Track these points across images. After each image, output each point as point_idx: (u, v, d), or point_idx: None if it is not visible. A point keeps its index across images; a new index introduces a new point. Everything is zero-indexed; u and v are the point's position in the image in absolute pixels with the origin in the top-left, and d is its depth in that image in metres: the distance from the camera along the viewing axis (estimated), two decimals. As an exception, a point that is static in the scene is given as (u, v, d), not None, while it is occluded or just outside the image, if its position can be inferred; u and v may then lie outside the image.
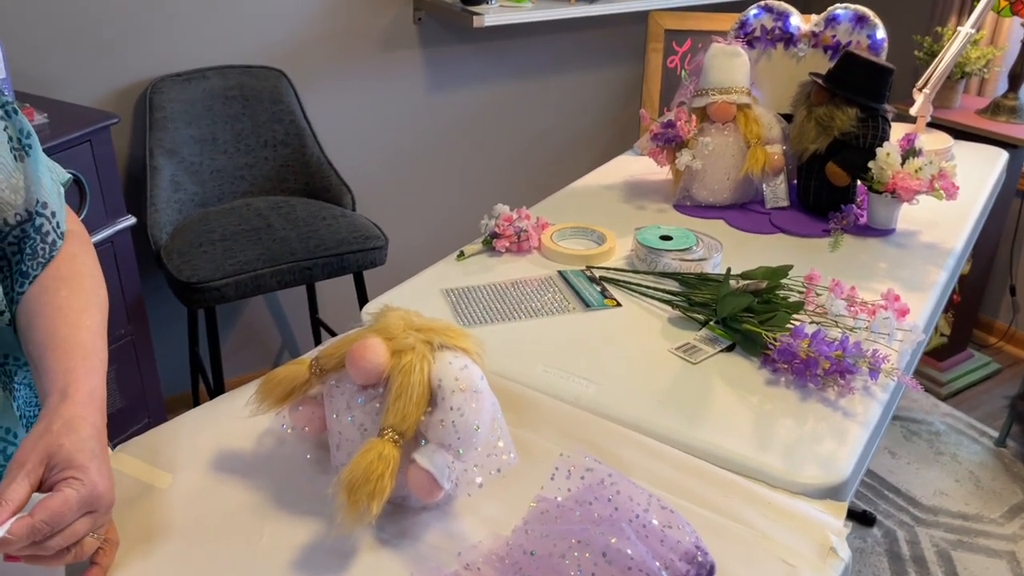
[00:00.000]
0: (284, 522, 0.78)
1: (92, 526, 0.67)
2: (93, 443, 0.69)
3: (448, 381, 0.76)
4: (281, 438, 0.88)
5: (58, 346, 0.76)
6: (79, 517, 0.65)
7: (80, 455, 0.67)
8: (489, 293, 1.21)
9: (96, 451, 0.68)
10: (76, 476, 0.65)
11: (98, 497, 0.66)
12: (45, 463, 0.66)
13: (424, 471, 0.74)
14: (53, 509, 0.63)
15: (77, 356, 0.75)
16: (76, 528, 0.65)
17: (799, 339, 0.99)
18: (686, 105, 1.49)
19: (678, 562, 0.72)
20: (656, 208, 1.49)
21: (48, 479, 0.66)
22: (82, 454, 0.67)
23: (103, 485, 0.67)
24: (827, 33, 1.52)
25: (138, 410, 1.98)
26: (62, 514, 0.63)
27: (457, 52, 2.59)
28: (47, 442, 0.67)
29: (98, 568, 0.70)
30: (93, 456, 0.67)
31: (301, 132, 2.30)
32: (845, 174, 1.38)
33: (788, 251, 1.34)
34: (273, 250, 1.98)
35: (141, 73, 2.12)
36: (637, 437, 0.91)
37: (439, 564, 0.73)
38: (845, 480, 0.86)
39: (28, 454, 0.66)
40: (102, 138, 1.72)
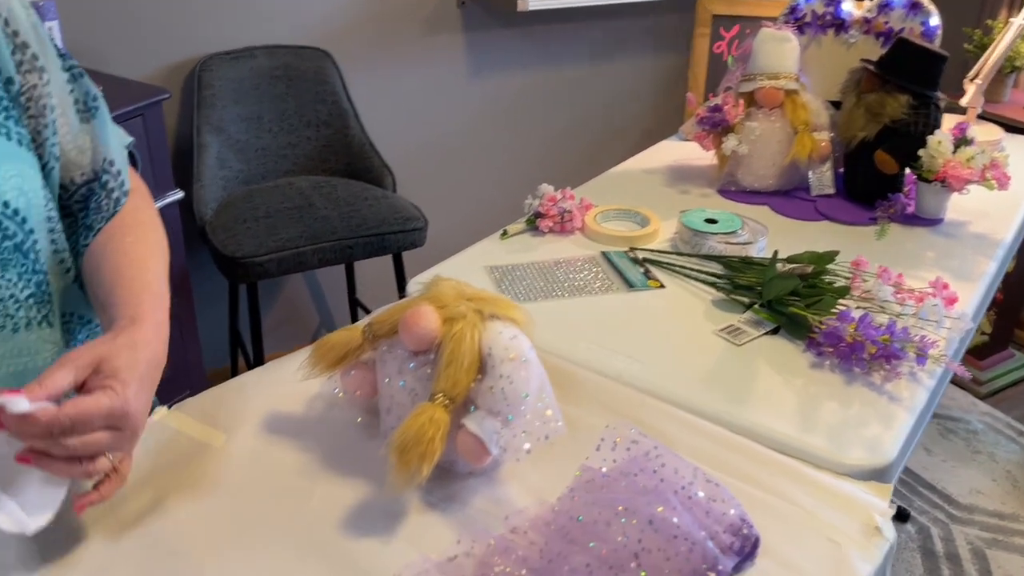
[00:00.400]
0: (334, 483, 0.80)
1: (111, 443, 0.66)
2: (145, 368, 0.69)
3: (498, 350, 0.77)
4: (331, 402, 0.90)
5: (126, 284, 0.78)
6: (102, 428, 0.65)
7: (128, 372, 0.67)
8: (532, 271, 1.22)
9: (145, 376, 0.69)
10: (114, 388, 0.65)
11: (127, 416, 0.66)
12: (95, 366, 0.66)
13: (473, 436, 0.75)
14: (80, 408, 0.63)
15: (146, 292, 0.78)
16: (96, 437, 0.65)
17: (846, 323, 0.99)
18: (733, 90, 1.48)
19: (722, 534, 0.73)
20: (700, 193, 1.49)
21: (90, 383, 0.66)
22: (130, 372, 0.67)
23: (136, 407, 0.66)
24: (879, 19, 1.50)
25: (181, 382, 2.02)
26: (88, 416, 0.63)
27: (500, 36, 2.59)
28: (105, 349, 0.68)
29: (97, 495, 0.69)
30: (139, 379, 0.68)
31: (344, 113, 2.32)
32: (894, 162, 1.37)
33: (833, 238, 1.34)
34: (315, 228, 2.00)
35: (191, 50, 2.15)
36: (681, 414, 0.91)
37: (486, 527, 0.74)
38: (891, 462, 0.86)
39: (83, 353, 0.67)
40: (154, 113, 1.76)
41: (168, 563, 0.70)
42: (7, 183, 0.74)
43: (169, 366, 2.19)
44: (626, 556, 0.68)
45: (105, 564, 0.70)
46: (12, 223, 0.75)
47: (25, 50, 0.79)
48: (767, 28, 1.45)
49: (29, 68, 0.79)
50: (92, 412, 0.64)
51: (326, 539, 0.73)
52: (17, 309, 0.79)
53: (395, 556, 0.71)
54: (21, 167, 0.76)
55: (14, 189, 0.74)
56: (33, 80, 0.79)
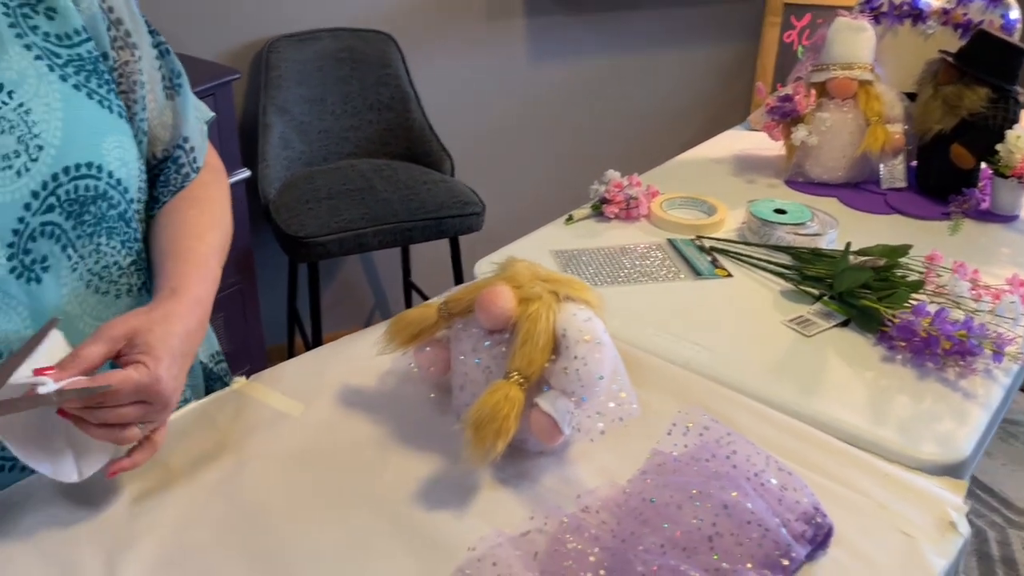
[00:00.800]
0: (407, 456, 0.81)
1: (141, 416, 0.68)
2: (178, 342, 0.71)
3: (573, 331, 0.77)
4: (403, 378, 0.92)
5: (179, 254, 0.80)
6: (132, 402, 0.67)
7: (160, 347, 0.69)
8: (598, 256, 1.22)
9: (177, 351, 0.70)
10: (146, 363, 0.67)
11: (157, 392, 0.68)
12: (129, 339, 0.69)
13: (546, 415, 0.76)
14: (110, 382, 0.65)
15: (193, 265, 0.80)
16: (126, 410, 0.67)
17: (920, 317, 0.98)
18: (804, 80, 1.46)
19: (795, 522, 0.72)
20: (767, 183, 1.48)
21: (124, 355, 0.68)
22: (163, 347, 0.69)
23: (166, 383, 0.68)
24: (958, 11, 1.47)
25: (241, 357, 2.07)
26: (117, 391, 0.65)
27: (562, 23, 2.58)
28: (140, 322, 0.70)
29: (129, 461, 0.71)
30: (172, 354, 0.69)
31: (406, 97, 2.34)
32: (971, 156, 1.34)
33: (904, 232, 1.31)
34: (376, 210, 2.03)
35: (260, 32, 2.19)
36: (750, 403, 0.91)
37: (557, 505, 0.75)
38: (965, 459, 0.85)
39: (118, 325, 0.69)
40: (224, 93, 1.79)
41: (247, 524, 0.73)
42: (111, 154, 0.77)
43: (231, 340, 2.24)
44: (699, 539, 0.69)
45: (188, 522, 0.73)
46: (116, 192, 0.78)
47: (119, 26, 0.81)
48: (843, 17, 1.43)
49: (122, 45, 0.81)
50: (122, 387, 0.66)
51: (400, 510, 0.75)
52: (120, 276, 0.82)
53: (467, 530, 0.73)
54: (122, 138, 0.79)
55: (117, 160, 0.77)
56: (125, 56, 0.81)
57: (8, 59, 0.71)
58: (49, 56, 0.74)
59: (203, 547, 0.70)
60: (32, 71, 0.72)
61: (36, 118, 0.72)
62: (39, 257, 0.73)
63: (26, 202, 0.71)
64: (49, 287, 0.75)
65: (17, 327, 0.73)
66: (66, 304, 0.77)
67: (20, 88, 0.71)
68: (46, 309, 0.75)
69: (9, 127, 0.70)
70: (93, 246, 0.77)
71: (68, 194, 0.73)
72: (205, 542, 0.71)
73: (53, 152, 0.72)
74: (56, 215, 0.73)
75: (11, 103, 0.70)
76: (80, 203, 0.75)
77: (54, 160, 0.72)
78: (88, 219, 0.76)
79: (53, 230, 0.73)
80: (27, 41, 0.73)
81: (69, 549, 0.69)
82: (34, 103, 0.72)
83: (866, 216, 1.37)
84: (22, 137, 0.71)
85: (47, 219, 0.72)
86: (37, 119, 0.72)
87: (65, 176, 0.73)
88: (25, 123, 0.71)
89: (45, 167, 0.72)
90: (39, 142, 0.71)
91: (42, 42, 0.74)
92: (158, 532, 0.71)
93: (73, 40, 0.76)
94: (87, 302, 0.79)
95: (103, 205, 0.77)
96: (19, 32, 0.73)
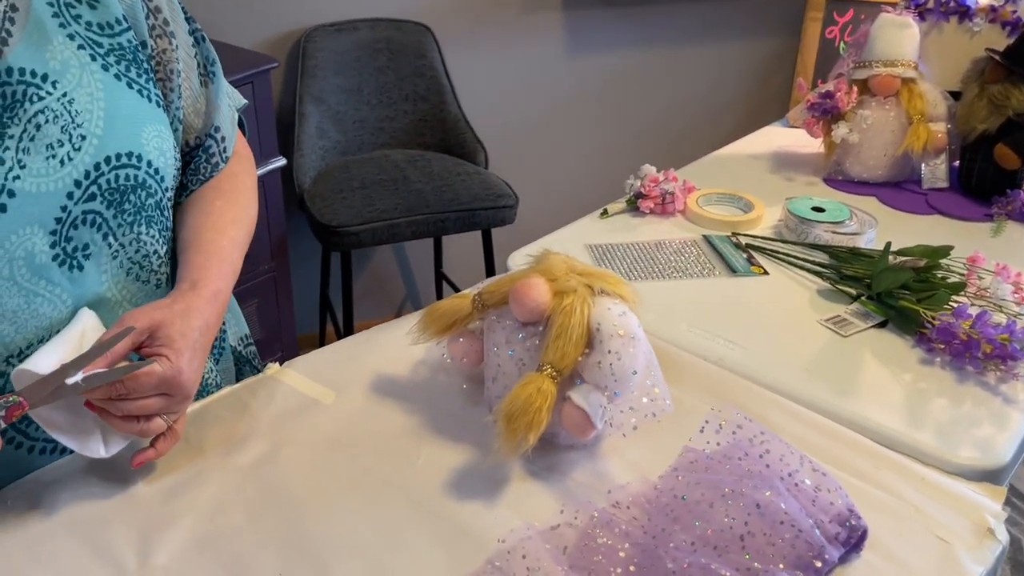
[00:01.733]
0: (439, 446, 0.81)
1: (163, 407, 0.71)
2: (197, 335, 0.73)
3: (607, 326, 0.77)
4: (435, 368, 0.92)
5: (201, 246, 0.82)
6: (155, 394, 0.70)
7: (181, 340, 0.71)
8: (632, 251, 1.22)
9: (197, 344, 0.73)
10: (168, 356, 0.70)
11: (178, 384, 0.70)
12: (151, 331, 0.71)
13: (579, 409, 0.76)
14: (133, 376, 0.68)
15: (214, 258, 0.81)
16: (148, 402, 0.70)
17: (961, 319, 0.96)
18: (846, 76, 1.44)
19: (828, 523, 0.72)
20: (805, 180, 1.46)
21: (146, 346, 0.71)
22: (183, 340, 0.72)
23: (187, 376, 0.71)
24: (1007, 8, 1.44)
25: (273, 343, 2.09)
26: (141, 384, 0.68)
27: (600, 16, 2.57)
28: (162, 315, 0.72)
29: (153, 451, 0.74)
30: (192, 347, 0.72)
31: (441, 88, 2.34)
32: (1016, 157, 1.31)
33: (945, 233, 1.29)
34: (409, 201, 2.04)
35: (299, 21, 2.20)
36: (784, 402, 0.90)
37: (588, 500, 0.75)
38: (1004, 465, 0.83)
39: (141, 317, 0.71)
40: (262, 81, 1.81)
41: (278, 509, 0.73)
42: (150, 143, 0.77)
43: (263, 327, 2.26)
44: (731, 538, 0.68)
45: (221, 506, 0.73)
46: (154, 181, 0.78)
47: (157, 15, 0.82)
48: (887, 13, 1.40)
49: (160, 33, 0.82)
50: (145, 380, 0.69)
51: (431, 499, 0.75)
52: (159, 265, 0.83)
53: (498, 521, 0.73)
54: (160, 128, 0.79)
55: (155, 149, 0.78)
56: (163, 45, 0.82)
57: (52, 49, 0.72)
58: (91, 45, 0.75)
59: (235, 530, 0.71)
60: (75, 60, 0.73)
61: (79, 107, 0.72)
62: (81, 245, 0.74)
63: (69, 191, 0.72)
64: (91, 274, 0.76)
65: (61, 313, 0.74)
66: (107, 291, 0.78)
67: (64, 78, 0.72)
68: (88, 296, 0.76)
69: (53, 116, 0.71)
70: (134, 235, 0.78)
71: (109, 183, 0.74)
72: (237, 525, 0.72)
73: (96, 142, 0.73)
74: (98, 204, 0.74)
75: (55, 93, 0.71)
76: (121, 192, 0.75)
77: (96, 150, 0.73)
78: (128, 208, 0.77)
79: (95, 218, 0.74)
80: (70, 31, 0.74)
81: (102, 530, 0.71)
82: (77, 92, 0.73)
83: (906, 216, 1.35)
84: (65, 127, 0.71)
85: (89, 207, 0.73)
86: (80, 108, 0.72)
87: (107, 165, 0.74)
88: (69, 113, 0.72)
89: (88, 156, 0.73)
90: (82, 131, 0.72)
91: (85, 31, 0.75)
92: (191, 515, 0.72)
93: (115, 29, 0.77)
94: (128, 289, 0.80)
95: (142, 194, 0.78)
96: (62, 22, 0.73)
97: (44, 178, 0.70)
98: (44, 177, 0.70)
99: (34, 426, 0.76)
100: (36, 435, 0.77)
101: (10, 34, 0.69)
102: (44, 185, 0.70)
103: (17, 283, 0.70)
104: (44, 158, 0.70)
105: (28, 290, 0.71)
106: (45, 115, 0.70)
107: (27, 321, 0.72)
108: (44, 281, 0.72)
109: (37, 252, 0.71)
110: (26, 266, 0.70)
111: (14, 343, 0.72)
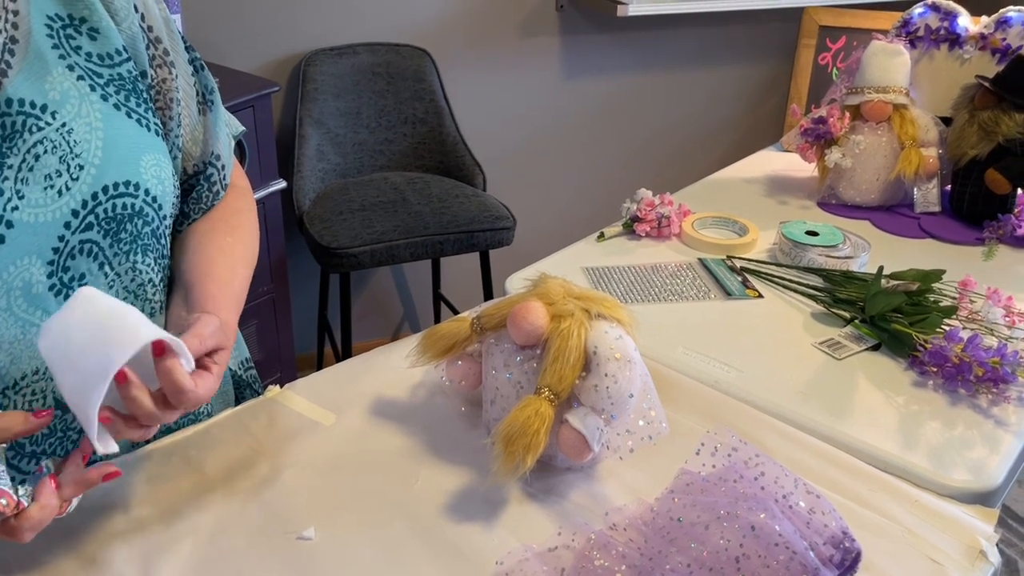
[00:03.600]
0: (438, 468, 0.82)
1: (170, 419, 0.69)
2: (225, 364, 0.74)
3: (604, 349, 0.78)
4: (434, 391, 0.93)
5: (215, 281, 0.82)
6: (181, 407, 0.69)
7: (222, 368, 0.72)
8: (629, 274, 1.23)
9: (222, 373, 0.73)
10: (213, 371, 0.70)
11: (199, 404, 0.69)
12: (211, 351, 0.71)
13: (576, 432, 0.77)
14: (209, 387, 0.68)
15: (231, 296, 0.82)
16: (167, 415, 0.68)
17: (953, 343, 0.97)
18: (838, 102, 1.46)
19: (822, 545, 0.72)
20: (799, 204, 1.48)
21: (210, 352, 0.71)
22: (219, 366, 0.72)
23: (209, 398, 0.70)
24: (997, 36, 1.46)
25: (272, 364, 2.10)
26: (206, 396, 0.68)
27: (597, 41, 2.60)
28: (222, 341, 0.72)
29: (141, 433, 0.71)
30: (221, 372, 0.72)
31: (440, 111, 2.36)
32: (1007, 182, 1.33)
33: (937, 257, 1.31)
34: (408, 223, 2.05)
35: (299, 46, 2.23)
36: (779, 424, 0.91)
37: (585, 522, 0.75)
38: (997, 487, 0.84)
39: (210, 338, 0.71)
40: (263, 105, 1.83)
41: (280, 530, 0.74)
42: (148, 172, 0.78)
43: (262, 348, 2.26)
44: (726, 560, 0.69)
45: (222, 528, 0.74)
46: (151, 209, 0.79)
47: (158, 45, 0.82)
48: (878, 40, 1.43)
49: (160, 63, 0.82)
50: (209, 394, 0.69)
51: (429, 521, 0.76)
52: (154, 293, 0.83)
53: (495, 543, 0.74)
54: (158, 156, 0.80)
55: (153, 177, 0.78)
56: (163, 74, 0.82)
57: (51, 80, 0.72)
58: (91, 76, 0.75)
59: (237, 553, 0.72)
60: (74, 91, 0.74)
61: (78, 138, 0.73)
62: (77, 274, 0.74)
63: (66, 220, 0.72)
64: None
65: None
66: None
67: (63, 108, 0.72)
68: None
69: (52, 147, 0.71)
70: (129, 264, 0.79)
71: (106, 212, 0.75)
72: (239, 548, 0.72)
73: (93, 171, 0.73)
74: (94, 233, 0.74)
75: (54, 123, 0.72)
76: (117, 221, 0.76)
77: (94, 179, 0.73)
78: (124, 236, 0.77)
79: (91, 248, 0.75)
80: (70, 61, 0.74)
81: (104, 551, 0.71)
82: (76, 123, 0.73)
83: (899, 240, 1.36)
84: (64, 157, 0.72)
85: (86, 237, 0.74)
86: (79, 139, 0.73)
87: (104, 195, 0.74)
88: (67, 143, 0.72)
89: (85, 186, 0.73)
90: (80, 161, 0.73)
91: (84, 62, 0.75)
92: (192, 537, 0.73)
93: (115, 60, 0.77)
94: None
95: (139, 223, 0.78)
96: (62, 53, 0.73)
97: (42, 208, 0.70)
98: (42, 208, 0.70)
99: (25, 460, 0.77)
100: (28, 469, 0.77)
101: (9, 65, 0.69)
102: (42, 215, 0.70)
103: (14, 314, 0.70)
104: (42, 188, 0.70)
105: (25, 320, 0.71)
106: (44, 145, 0.71)
107: (23, 352, 0.72)
108: (41, 311, 0.72)
109: (34, 282, 0.71)
110: (23, 297, 0.70)
111: (9, 374, 0.72)
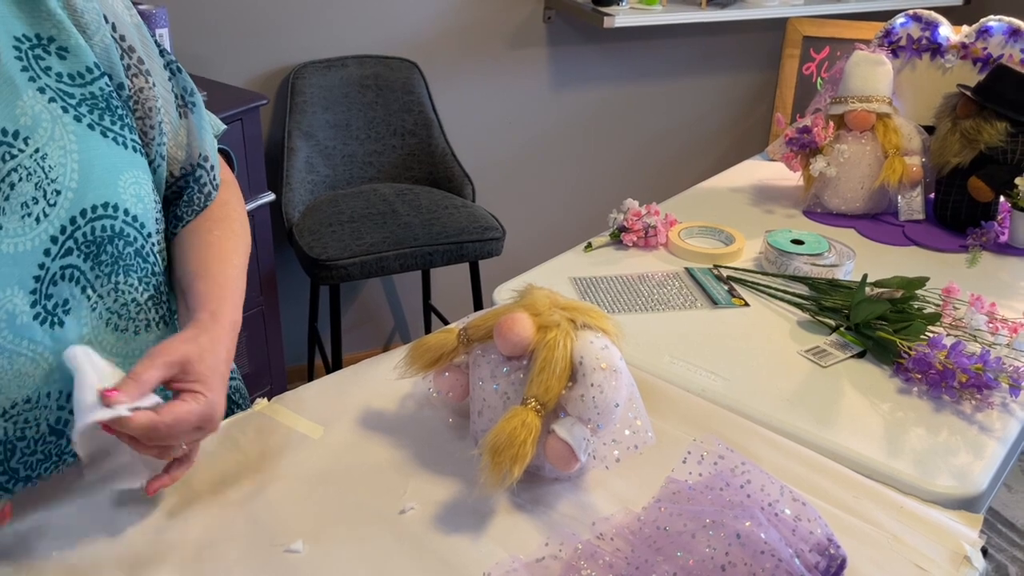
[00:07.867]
0: (426, 480, 0.83)
1: (194, 438, 0.72)
2: (224, 368, 0.74)
3: (590, 359, 0.78)
4: (421, 403, 0.93)
5: (210, 276, 0.82)
6: (192, 429, 0.70)
7: (214, 376, 0.72)
8: (616, 284, 1.24)
9: (224, 376, 0.74)
10: (204, 393, 0.70)
11: (213, 419, 0.71)
12: (181, 366, 0.71)
13: (563, 442, 0.77)
14: (177, 415, 0.68)
15: (227, 288, 0.81)
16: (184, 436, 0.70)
17: (936, 350, 0.98)
18: (823, 112, 1.47)
19: (808, 553, 0.73)
20: (785, 213, 1.49)
21: (178, 381, 0.71)
22: (215, 376, 0.72)
23: (220, 409, 0.72)
24: (978, 45, 1.48)
25: (262, 377, 2.09)
26: (183, 423, 0.68)
27: (584, 52, 2.62)
28: (192, 349, 0.72)
29: (168, 478, 0.74)
30: (222, 380, 0.73)
31: (429, 123, 2.37)
32: (989, 190, 1.34)
33: (922, 264, 1.32)
34: (397, 234, 2.06)
35: (287, 58, 2.23)
36: (765, 432, 0.92)
37: (572, 532, 0.76)
38: (981, 493, 0.85)
39: (172, 351, 0.71)
40: (252, 118, 1.83)
41: (268, 543, 0.74)
42: (127, 191, 0.77)
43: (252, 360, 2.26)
44: (713, 568, 0.69)
45: (211, 542, 0.74)
46: (132, 229, 0.78)
47: (132, 54, 0.81)
48: (861, 50, 1.45)
49: (136, 72, 0.81)
50: (187, 419, 0.69)
51: (417, 533, 0.76)
52: (139, 312, 0.82)
53: (483, 554, 0.74)
54: (137, 173, 0.78)
55: (133, 196, 0.77)
56: (140, 83, 0.81)
57: (22, 105, 0.70)
58: (63, 97, 0.73)
59: (225, 566, 0.72)
60: (46, 114, 0.72)
61: (52, 163, 0.71)
62: (60, 301, 0.73)
63: (46, 248, 0.71)
64: (71, 329, 0.75)
65: (42, 371, 0.73)
66: (86, 344, 0.76)
67: (35, 133, 0.70)
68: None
69: (27, 174, 0.69)
70: (111, 285, 0.78)
71: (86, 236, 0.74)
72: (227, 561, 0.72)
73: (71, 196, 0.72)
74: (75, 258, 0.73)
75: (27, 149, 0.70)
76: (97, 244, 0.75)
77: (72, 204, 0.72)
78: (105, 259, 0.76)
79: (73, 272, 0.74)
80: (40, 84, 0.72)
81: (92, 567, 0.71)
82: (49, 147, 0.71)
83: (884, 247, 1.38)
84: (39, 183, 0.70)
85: (67, 262, 0.73)
86: (53, 163, 0.71)
87: (83, 219, 0.73)
88: (42, 168, 0.70)
89: (63, 211, 0.72)
90: (56, 187, 0.71)
91: (55, 83, 0.73)
92: (180, 551, 0.73)
93: (86, 78, 0.75)
94: (107, 340, 0.79)
95: (120, 243, 0.77)
96: (32, 76, 0.71)
97: (20, 238, 0.69)
98: (20, 237, 0.69)
99: (20, 484, 0.76)
100: (13, 488, 0.77)
101: None
102: (21, 245, 0.69)
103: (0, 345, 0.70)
104: (19, 217, 0.69)
105: (11, 351, 0.70)
106: (18, 173, 0.69)
107: (10, 382, 0.71)
108: (27, 341, 0.71)
109: (18, 312, 0.70)
110: (8, 328, 0.70)
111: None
